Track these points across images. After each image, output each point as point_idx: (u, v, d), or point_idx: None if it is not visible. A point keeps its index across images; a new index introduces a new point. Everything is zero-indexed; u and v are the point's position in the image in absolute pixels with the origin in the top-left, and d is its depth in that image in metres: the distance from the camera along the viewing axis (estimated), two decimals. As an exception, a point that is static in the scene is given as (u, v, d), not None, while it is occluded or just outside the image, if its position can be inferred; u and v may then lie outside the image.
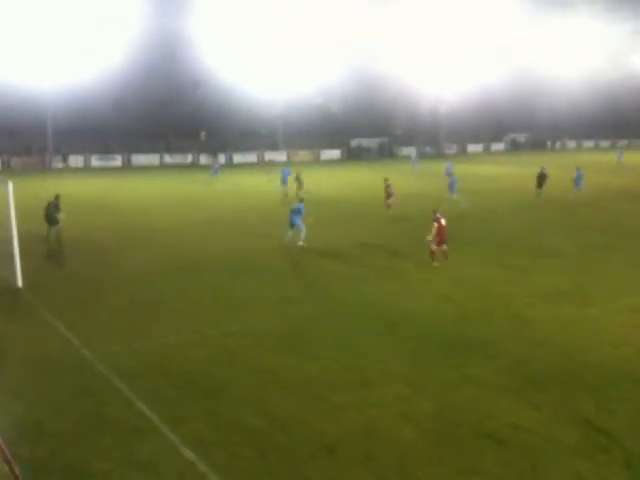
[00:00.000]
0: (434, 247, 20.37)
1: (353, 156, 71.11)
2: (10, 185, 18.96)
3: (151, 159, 61.91)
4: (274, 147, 70.10)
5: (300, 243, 23.36)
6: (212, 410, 10.85)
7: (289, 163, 64.04)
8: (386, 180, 32.90)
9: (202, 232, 26.63)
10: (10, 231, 18.23)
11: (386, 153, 73.79)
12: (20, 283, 17.84)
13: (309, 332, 14.69)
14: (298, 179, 37.84)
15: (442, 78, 73.40)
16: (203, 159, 64.13)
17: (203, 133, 68.99)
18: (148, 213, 31.67)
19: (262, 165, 51.30)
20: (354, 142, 74.02)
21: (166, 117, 62.66)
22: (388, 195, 31.98)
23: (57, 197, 24.58)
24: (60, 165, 57.74)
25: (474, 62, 72.52)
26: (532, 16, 75.73)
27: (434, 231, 20.08)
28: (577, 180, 37.25)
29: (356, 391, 11.67)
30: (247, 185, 42.71)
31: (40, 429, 10.13)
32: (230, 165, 61.60)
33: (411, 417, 10.68)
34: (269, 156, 66.88)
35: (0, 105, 52.17)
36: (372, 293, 17.78)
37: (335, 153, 71.91)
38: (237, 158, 64.95)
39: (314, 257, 22.03)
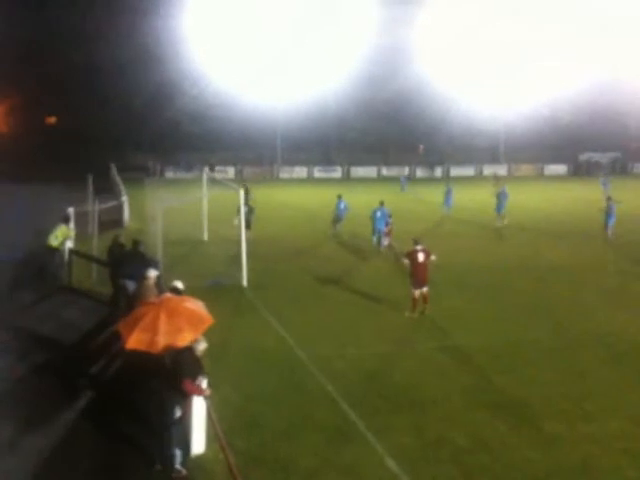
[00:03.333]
0: (413, 291, 16.18)
1: (581, 172, 66.48)
2: (242, 192, 20.62)
3: (369, 171, 63.53)
4: (494, 160, 68.15)
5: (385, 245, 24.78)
6: (418, 424, 10.68)
7: (510, 178, 61.88)
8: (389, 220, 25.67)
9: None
10: (238, 234, 19.83)
11: (618, 169, 67.98)
12: (245, 282, 19.22)
13: (526, 354, 13.91)
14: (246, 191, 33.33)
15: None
16: (419, 172, 64.44)
17: (421, 146, 69.29)
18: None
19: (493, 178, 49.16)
20: (583, 156, 69.18)
21: (386, 130, 63.99)
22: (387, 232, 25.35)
23: (247, 190, 23.97)
24: (286, 175, 61.57)
25: None
26: None
27: (408, 269, 16.27)
28: None
29: (574, 422, 10.76)
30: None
31: (254, 421, 10.70)
32: (446, 178, 60.92)
33: (636, 456, 9.59)
34: (488, 170, 65.12)
35: (237, 119, 57.23)
36: (600, 320, 16.39)
37: (561, 168, 67.89)
38: (455, 171, 64.14)
39: (534, 277, 20.90)
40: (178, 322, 9.35)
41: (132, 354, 9.78)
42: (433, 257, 16.46)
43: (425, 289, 16.33)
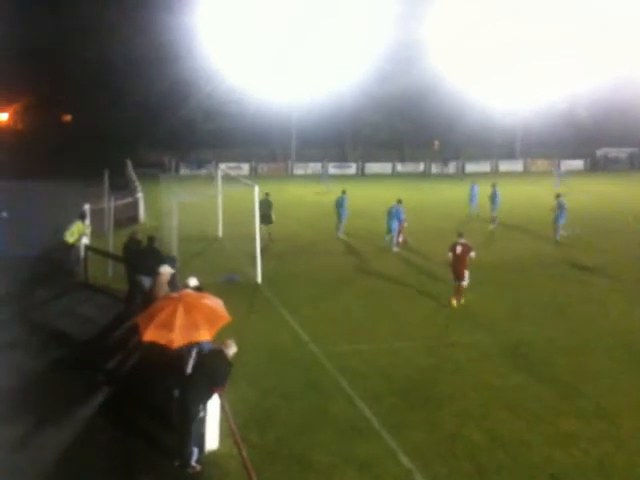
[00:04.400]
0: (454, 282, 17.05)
1: (598, 167, 65.89)
2: (256, 189, 20.61)
3: (384, 167, 63.22)
4: (510, 156, 67.72)
5: (395, 249, 24.11)
6: (433, 421, 10.67)
7: (525, 173, 61.50)
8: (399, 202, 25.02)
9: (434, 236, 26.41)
10: (253, 231, 19.87)
11: (637, 165, 67.27)
12: (259, 279, 19.24)
13: (541, 352, 13.85)
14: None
15: None
16: (434, 168, 64.12)
17: (437, 142, 68.90)
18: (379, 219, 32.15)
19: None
20: (600, 152, 68.51)
21: (400, 126, 63.67)
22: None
23: (267, 194, 25.07)
24: (301, 171, 61.50)
25: None
26: None
27: (449, 260, 16.85)
28: None
29: (590, 420, 10.71)
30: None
31: (269, 417, 10.74)
32: (462, 174, 60.55)
33: (655, 456, 9.52)
34: (504, 166, 64.68)
35: (251, 116, 57.33)
36: (616, 318, 16.27)
37: (577, 163, 67.17)
38: (470, 167, 63.68)
39: (549, 274, 20.76)
40: (195, 318, 9.39)
41: (149, 349, 9.83)
42: (472, 254, 16.77)
43: (464, 283, 16.73)
